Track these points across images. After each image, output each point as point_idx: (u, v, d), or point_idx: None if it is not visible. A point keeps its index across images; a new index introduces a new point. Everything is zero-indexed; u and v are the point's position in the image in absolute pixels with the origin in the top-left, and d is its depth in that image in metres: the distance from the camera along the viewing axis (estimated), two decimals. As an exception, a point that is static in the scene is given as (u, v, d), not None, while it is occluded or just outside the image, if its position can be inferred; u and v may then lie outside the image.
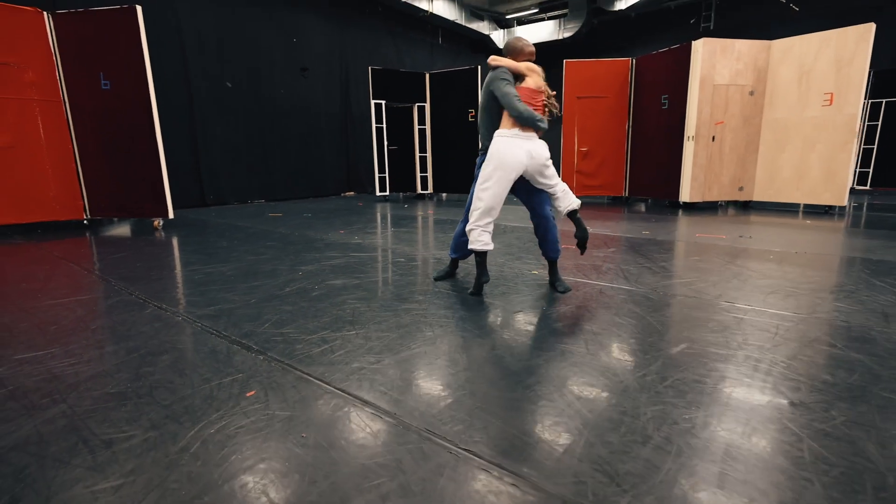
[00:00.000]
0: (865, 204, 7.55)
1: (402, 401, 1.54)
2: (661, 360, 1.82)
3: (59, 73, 5.34)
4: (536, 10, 14.11)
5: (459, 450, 1.28)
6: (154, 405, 1.53)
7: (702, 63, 6.29)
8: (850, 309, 2.38)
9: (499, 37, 14.75)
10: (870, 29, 5.50)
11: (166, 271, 3.42)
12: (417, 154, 9.24)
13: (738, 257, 3.63)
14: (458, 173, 8.98)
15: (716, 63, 6.31)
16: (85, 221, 5.72)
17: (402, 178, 9.36)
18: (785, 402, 1.50)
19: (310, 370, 1.77)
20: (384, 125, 8.76)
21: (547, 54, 15.21)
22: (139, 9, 5.07)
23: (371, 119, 8.67)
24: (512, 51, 2.75)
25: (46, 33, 5.23)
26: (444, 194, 10.09)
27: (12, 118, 5.09)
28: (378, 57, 11.10)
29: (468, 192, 10.29)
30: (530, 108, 2.52)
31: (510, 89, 2.53)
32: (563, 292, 2.75)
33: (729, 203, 7.43)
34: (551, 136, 12.96)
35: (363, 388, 1.62)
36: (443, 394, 1.58)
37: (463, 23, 13.37)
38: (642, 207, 7.49)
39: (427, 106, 9.05)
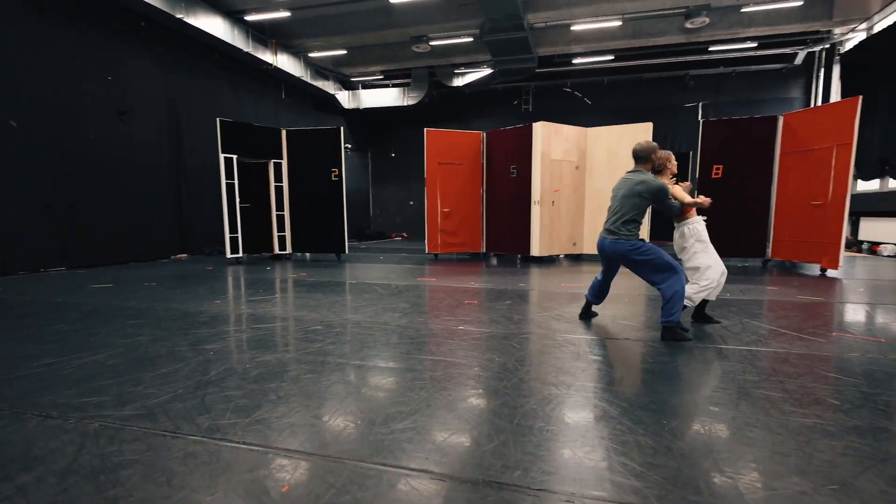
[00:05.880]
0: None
1: (448, 461, 1.68)
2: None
3: None
4: (381, 77, 15.40)
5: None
6: (172, 526, 1.33)
7: (541, 141, 7.89)
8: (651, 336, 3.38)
9: (344, 97, 15.49)
10: (649, 126, 7.83)
11: (4, 368, 2.67)
12: (274, 212, 8.90)
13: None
14: (323, 233, 8.94)
15: (551, 142, 7.99)
16: None
17: (257, 239, 8.82)
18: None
19: (331, 452, 1.73)
20: (236, 181, 8.27)
21: (393, 118, 16.56)
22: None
23: (220, 174, 8.09)
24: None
25: None
26: (307, 254, 9.80)
27: None
28: (217, 106, 10.52)
29: (334, 252, 10.16)
30: None
31: None
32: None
33: (565, 256, 9.12)
34: (418, 197, 13.88)
35: (406, 458, 1.69)
36: (484, 445, 1.77)
37: (308, 80, 13.71)
38: (494, 262, 8.63)
39: (284, 163, 8.92)
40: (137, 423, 1.98)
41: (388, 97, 15.31)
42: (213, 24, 9.97)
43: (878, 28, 10.57)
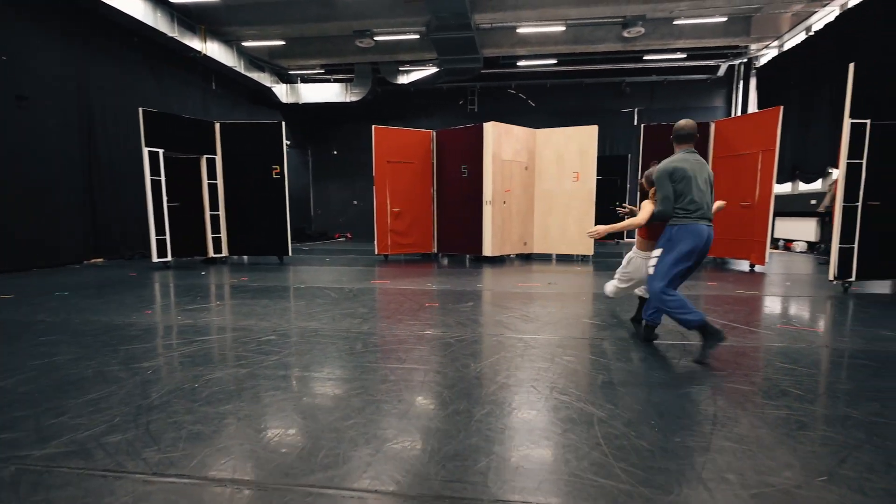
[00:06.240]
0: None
1: (448, 482, 1.55)
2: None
3: None
4: (322, 71, 14.85)
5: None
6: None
7: (492, 142, 7.93)
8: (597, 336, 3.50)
9: (282, 91, 14.77)
10: (595, 129, 8.11)
11: None
12: (208, 212, 8.24)
13: (535, 299, 4.71)
14: (262, 234, 8.41)
15: (502, 143, 8.05)
16: None
17: (188, 241, 8.12)
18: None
19: (314, 481, 1.54)
20: (162, 177, 7.55)
21: (335, 115, 16.05)
22: None
23: (143, 169, 7.35)
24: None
25: None
26: (244, 257, 9.18)
27: None
28: (137, 95, 9.59)
29: (276, 254, 9.78)
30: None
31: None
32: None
33: (517, 255, 9.24)
34: (362, 196, 13.55)
35: (402, 482, 1.54)
36: (473, 460, 1.66)
37: (242, 71, 12.93)
38: (445, 262, 8.56)
39: (218, 158, 8.30)
40: (67, 463, 1.66)
41: (329, 92, 14.81)
42: (132, 5, 9.09)
43: (787, 46, 11.74)
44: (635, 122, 14.33)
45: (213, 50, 11.72)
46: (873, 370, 2.71)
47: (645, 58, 13.07)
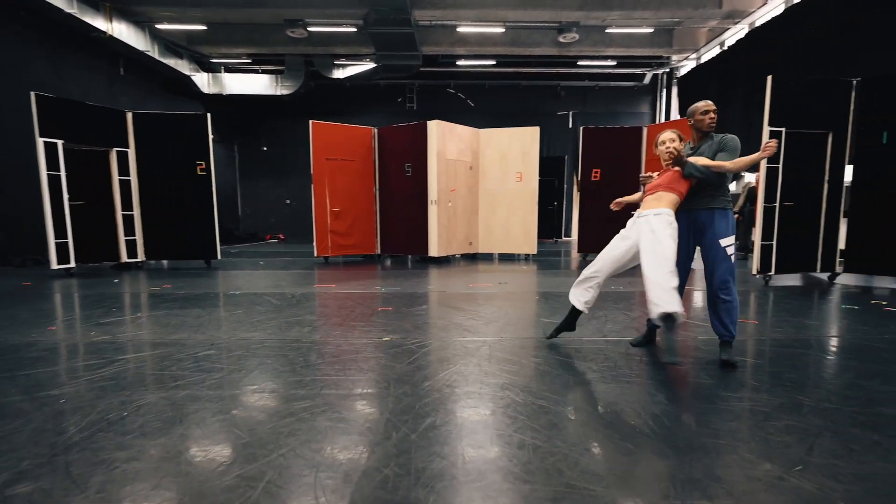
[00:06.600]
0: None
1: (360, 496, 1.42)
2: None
3: None
4: (249, 61, 13.99)
5: None
6: None
7: (437, 140, 7.85)
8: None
9: (203, 80, 13.72)
10: (537, 130, 8.31)
11: None
12: (120, 212, 7.40)
13: (492, 299, 4.73)
14: (186, 235, 7.72)
15: (446, 142, 8.00)
16: None
17: (95, 244, 7.24)
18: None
19: (284, 521, 1.35)
20: (62, 173, 6.67)
21: (264, 108, 15.20)
22: None
23: (39, 163, 6.44)
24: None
25: None
26: (164, 262, 8.36)
27: None
28: (28, 79, 8.41)
29: (203, 258, 9.18)
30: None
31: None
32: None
33: (462, 255, 9.24)
34: (295, 194, 12.91)
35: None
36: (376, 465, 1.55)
37: (156, 56, 11.84)
38: (388, 263, 8.39)
39: (131, 152, 7.49)
40: (-40, 527, 1.33)
41: (257, 84, 13.99)
42: (19, -28, 7.98)
43: (704, 59, 12.80)
44: (570, 125, 14.95)
45: (121, 31, 10.63)
46: (809, 358, 2.94)
47: (579, 63, 13.66)
